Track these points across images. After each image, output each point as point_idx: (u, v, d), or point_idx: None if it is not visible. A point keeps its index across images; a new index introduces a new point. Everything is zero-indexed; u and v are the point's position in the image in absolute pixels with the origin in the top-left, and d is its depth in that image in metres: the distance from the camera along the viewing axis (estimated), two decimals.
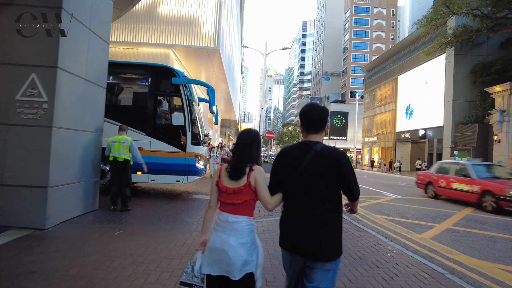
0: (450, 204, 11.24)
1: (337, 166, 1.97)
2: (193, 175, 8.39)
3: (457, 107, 31.25)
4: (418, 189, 13.81)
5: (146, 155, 8.20)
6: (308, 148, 2.06)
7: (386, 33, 78.03)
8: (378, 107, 49.82)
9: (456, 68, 30.95)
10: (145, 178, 8.27)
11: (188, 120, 8.24)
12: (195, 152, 8.39)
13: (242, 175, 2.11)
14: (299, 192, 2.01)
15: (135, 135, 8.25)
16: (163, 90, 8.61)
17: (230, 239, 2.03)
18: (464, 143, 29.77)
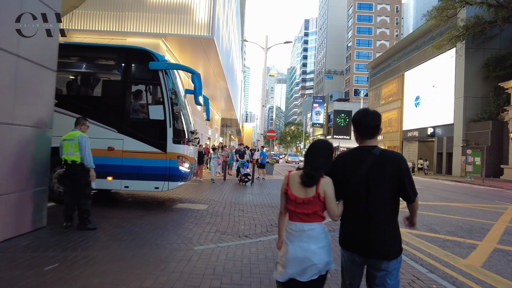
0: (479, 211, 9.73)
1: (397, 170, 2.05)
2: (175, 180, 6.97)
3: (468, 103, 29.69)
4: (431, 191, 12.29)
5: (117, 157, 6.80)
6: (366, 152, 2.13)
7: (390, 30, 76.32)
8: (384, 105, 48.23)
9: (467, 63, 29.37)
10: (117, 185, 6.85)
11: (169, 113, 6.83)
12: (178, 153, 6.96)
13: (315, 183, 2.11)
14: (360, 195, 2.09)
15: (105, 132, 6.85)
16: (138, 77, 7.18)
17: (310, 246, 2.09)
18: (476, 142, 28.19)
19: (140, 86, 7.19)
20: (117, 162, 6.80)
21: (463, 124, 29.79)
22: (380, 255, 2.02)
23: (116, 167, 6.80)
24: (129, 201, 8.05)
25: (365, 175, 2.07)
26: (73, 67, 7.54)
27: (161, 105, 6.87)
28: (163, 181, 6.86)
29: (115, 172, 6.81)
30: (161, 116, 6.85)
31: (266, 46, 24.93)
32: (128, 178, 6.83)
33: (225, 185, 12.85)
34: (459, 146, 30.08)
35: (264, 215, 7.26)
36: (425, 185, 19.00)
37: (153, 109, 7.00)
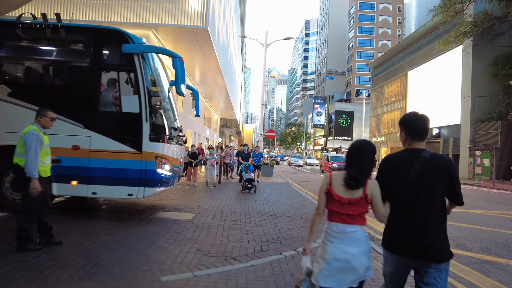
0: (506, 220, 8.59)
1: (448, 173, 2.06)
2: (153, 186, 5.84)
3: (476, 103, 28.52)
4: None
5: (84, 157, 5.70)
6: (416, 155, 2.11)
7: (393, 29, 75.28)
8: (387, 105, 47.11)
9: (475, 60, 28.22)
10: (83, 191, 5.73)
11: (145, 105, 5.71)
12: (156, 152, 5.84)
13: (361, 185, 2.08)
14: (411, 197, 2.06)
15: (69, 128, 5.74)
16: (109, 62, 6.07)
17: (351, 249, 2.04)
18: (485, 143, 27.00)
19: (111, 73, 6.09)
20: (83, 164, 5.68)
21: (470, 124, 28.61)
22: (436, 257, 2.00)
23: (82, 170, 5.69)
24: (102, 209, 6.93)
25: (417, 177, 2.05)
26: (32, 50, 6.40)
27: (136, 96, 5.74)
28: (137, 186, 5.74)
29: (80, 176, 5.70)
30: (136, 108, 5.72)
31: (266, 43, 23.88)
32: (96, 183, 5.72)
33: (219, 190, 11.70)
34: (466, 147, 28.91)
35: (260, 226, 6.13)
36: None
37: (127, 100, 5.87)
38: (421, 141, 2.15)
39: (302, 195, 11.27)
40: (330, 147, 70.92)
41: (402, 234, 2.07)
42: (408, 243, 2.04)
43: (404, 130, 2.19)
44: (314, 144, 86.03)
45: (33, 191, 3.91)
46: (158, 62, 6.72)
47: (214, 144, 35.08)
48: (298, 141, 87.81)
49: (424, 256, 2.00)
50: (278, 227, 6.15)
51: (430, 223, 2.01)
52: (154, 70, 6.25)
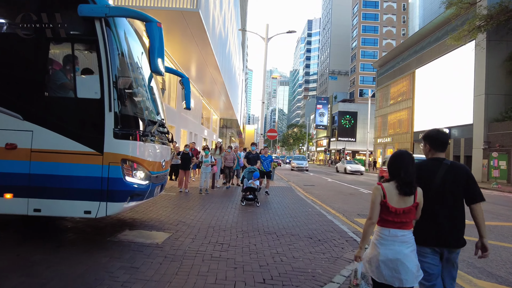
0: None
1: (466, 176, 2.51)
2: (119, 200, 4.27)
3: (490, 101, 26.82)
4: None
5: (22, 160, 4.18)
6: (439, 163, 2.55)
7: (397, 28, 73.65)
8: (393, 105, 45.44)
9: (489, 56, 26.53)
10: (21, 207, 4.14)
11: (109, 88, 4.18)
12: (123, 154, 4.28)
13: (414, 190, 2.31)
14: (438, 197, 2.47)
15: (1, 120, 4.17)
16: (60, 30, 4.48)
17: (403, 249, 2.24)
18: (501, 144, 25.32)
19: (62, 45, 4.55)
20: (21, 169, 4.13)
21: (484, 124, 26.91)
22: (461, 244, 2.48)
23: (19, 178, 4.14)
24: (46, 228, 5.34)
25: (442, 181, 2.48)
26: None
27: (97, 75, 4.22)
28: (97, 200, 4.17)
29: (17, 186, 4.13)
30: (96, 92, 4.20)
31: (266, 37, 22.31)
32: (40, 196, 4.14)
33: (212, 199, 10.05)
34: (479, 149, 27.21)
35: (254, 254, 4.54)
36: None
37: (83, 82, 4.40)
38: (443, 152, 2.61)
39: (308, 203, 9.68)
40: (333, 148, 69.27)
41: (433, 228, 2.46)
42: (438, 236, 2.44)
43: (429, 143, 2.63)
44: (317, 146, 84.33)
45: None
46: (133, 33, 5.11)
47: (212, 145, 33.53)
48: (300, 142, 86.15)
49: (449, 244, 2.46)
50: (280, 255, 4.56)
51: (454, 217, 2.47)
52: (124, 42, 4.65)
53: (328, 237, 5.84)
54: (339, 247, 5.24)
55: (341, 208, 9.70)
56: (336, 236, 5.93)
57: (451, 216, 2.45)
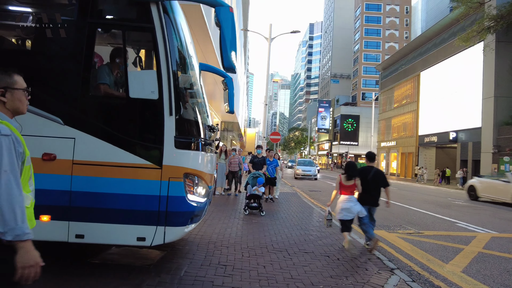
0: None
1: (382, 176, 5.70)
2: (180, 223, 3.53)
3: (499, 104, 26.02)
4: (490, 212, 8.70)
5: (62, 174, 3.38)
6: (371, 168, 5.62)
7: (400, 31, 73.05)
8: (397, 108, 44.67)
9: (498, 58, 25.77)
10: (60, 232, 3.35)
11: (170, 87, 3.43)
12: (187, 167, 3.56)
13: (354, 178, 5.42)
14: (370, 184, 5.47)
15: (37, 124, 3.34)
16: (109, 15, 3.69)
17: (350, 203, 5.20)
18: (511, 148, 24.50)
19: (111, 34, 3.82)
20: (60, 185, 3.35)
21: (493, 127, 26.09)
22: (377, 205, 5.54)
23: (58, 196, 3.35)
24: None
25: (372, 177, 5.49)
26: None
27: (154, 71, 3.53)
28: (154, 225, 3.41)
29: (56, 206, 3.35)
30: (153, 92, 3.45)
31: (270, 36, 21.60)
32: (83, 219, 3.37)
33: (213, 207, 9.24)
34: (489, 153, 26.35)
35: (267, 279, 3.75)
36: (465, 199, 15.34)
37: (137, 79, 3.64)
38: (372, 162, 5.73)
39: (317, 212, 8.88)
40: (335, 152, 68.42)
41: (366, 197, 5.46)
42: (368, 200, 5.46)
43: (366, 158, 5.91)
44: (318, 149, 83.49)
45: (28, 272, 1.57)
46: (184, 21, 4.32)
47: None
48: (301, 146, 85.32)
49: (374, 204, 5.53)
50: (295, 280, 3.77)
51: (377, 193, 5.51)
52: (181, 31, 3.87)
53: (347, 255, 5.05)
54: (362, 268, 4.45)
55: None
56: (357, 254, 5.14)
57: (375, 193, 5.52)
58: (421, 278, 4.37)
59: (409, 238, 6.67)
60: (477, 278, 4.51)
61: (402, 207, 11.45)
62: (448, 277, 4.45)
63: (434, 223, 8.52)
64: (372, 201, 5.48)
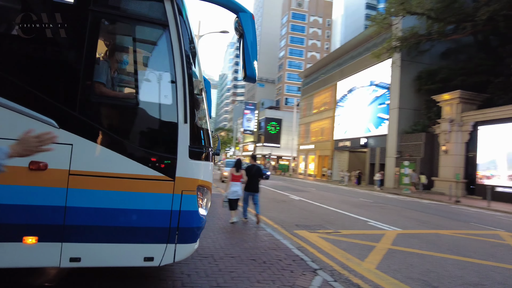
0: (485, 244, 7.28)
1: (260, 170, 8.19)
2: (190, 240, 3.20)
3: (402, 115, 29.55)
4: (392, 209, 9.76)
5: (55, 186, 2.78)
6: (254, 165, 8.16)
7: (321, 42, 78.32)
8: (316, 114, 47.72)
9: (402, 74, 29.25)
10: (50, 256, 2.73)
11: (185, 90, 3.10)
12: (199, 178, 3.26)
13: (241, 170, 7.92)
14: (253, 176, 7.95)
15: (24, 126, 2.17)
16: (119, 8, 3.11)
17: (237, 187, 7.69)
18: (410, 153, 27.98)
19: (119, 27, 3.32)
20: (52, 200, 2.76)
21: (397, 135, 29.53)
22: (258, 192, 7.98)
23: (49, 212, 2.76)
24: None
25: (254, 171, 7.96)
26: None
27: (168, 73, 3.13)
28: (163, 243, 3.02)
29: (45, 226, 2.75)
30: (166, 96, 3.12)
31: (198, 34, 21.14)
32: (79, 239, 2.82)
33: None
34: (392, 157, 29.76)
35: None
36: (373, 199, 17.00)
37: (148, 80, 3.27)
38: (255, 161, 8.49)
39: (241, 212, 8.83)
40: (259, 153, 70.21)
41: (249, 186, 7.91)
42: (251, 188, 7.93)
43: (251, 158, 8.81)
44: (243, 150, 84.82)
45: None
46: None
47: None
48: (227, 146, 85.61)
49: (256, 191, 7.96)
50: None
51: (256, 183, 7.99)
52: (192, 33, 3.45)
53: (273, 257, 5.05)
54: (287, 271, 4.47)
55: (278, 218, 9.07)
56: (282, 255, 5.17)
57: (255, 183, 7.93)
58: (341, 277, 4.55)
59: (329, 237, 6.99)
60: (388, 273, 4.88)
61: (321, 207, 12.11)
62: (364, 274, 4.73)
63: (350, 223, 9.14)
64: (254, 189, 7.92)
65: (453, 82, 25.56)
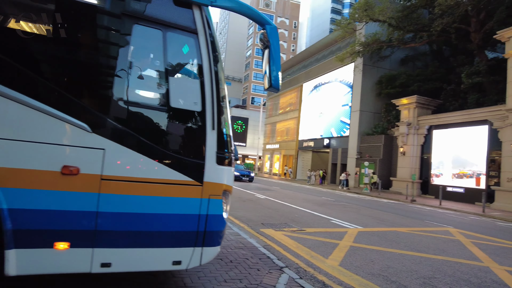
0: (440, 242, 7.76)
1: None
2: (215, 243, 3.28)
3: (363, 117, 30.78)
4: (351, 208, 10.22)
5: (87, 191, 2.73)
6: None
7: (288, 43, 79.46)
8: (282, 114, 48.40)
9: (364, 78, 30.45)
10: (82, 262, 2.69)
11: (213, 97, 3.20)
12: (224, 183, 3.32)
13: None
14: None
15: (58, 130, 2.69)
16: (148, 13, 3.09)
17: None
18: (370, 154, 29.22)
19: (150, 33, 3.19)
20: (84, 205, 2.72)
21: (357, 136, 30.69)
22: None
23: (81, 218, 2.71)
24: None
25: None
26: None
27: (197, 80, 3.20)
28: (191, 246, 3.10)
29: (77, 232, 2.71)
30: (196, 102, 3.16)
31: None
32: (110, 244, 2.80)
33: None
34: (353, 158, 30.90)
35: None
36: (335, 198, 17.57)
37: (180, 87, 3.25)
38: None
39: None
40: None
41: None
42: None
43: None
44: None
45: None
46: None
47: None
48: None
49: None
50: None
51: None
52: (217, 40, 3.46)
53: (240, 256, 5.05)
54: (254, 269, 4.50)
55: (244, 217, 9.09)
56: (248, 254, 5.19)
57: None
58: (307, 274, 4.66)
59: (294, 235, 7.12)
60: (351, 270, 5.06)
61: (286, 205, 12.31)
62: (329, 271, 4.87)
63: (314, 221, 9.37)
64: None
65: (410, 87, 27.06)
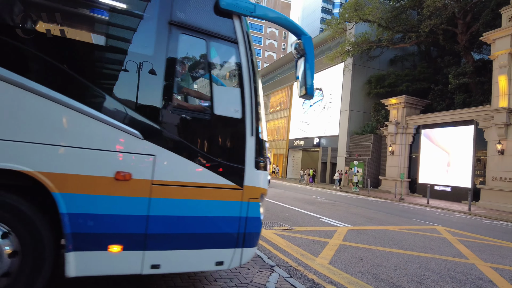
0: (428, 240, 7.89)
1: None
2: (253, 244, 3.43)
3: (352, 117, 31.07)
4: (340, 206, 10.32)
5: (138, 196, 2.88)
6: None
7: (278, 42, 79.66)
8: (272, 113, 48.46)
9: (353, 78, 30.74)
10: (133, 264, 2.84)
11: (252, 106, 3.34)
12: (262, 187, 3.48)
13: None
14: None
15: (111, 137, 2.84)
16: (192, 22, 3.20)
17: None
18: (359, 153, 29.52)
19: (194, 43, 3.31)
20: (136, 210, 2.85)
21: (347, 136, 30.97)
22: None
23: (133, 222, 2.85)
24: None
25: None
26: None
27: (238, 89, 3.33)
28: (232, 247, 3.27)
29: (130, 234, 2.85)
30: (237, 110, 3.30)
31: None
32: (160, 246, 2.94)
33: None
34: (343, 157, 31.17)
35: None
36: (325, 196, 17.72)
37: (223, 95, 3.39)
38: None
39: None
40: None
41: None
42: None
43: None
44: None
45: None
46: None
47: None
48: None
49: None
50: None
51: None
52: (254, 50, 3.58)
53: None
54: (244, 268, 4.50)
55: None
56: None
57: None
58: (297, 273, 4.68)
59: (284, 234, 7.15)
60: (341, 268, 5.11)
61: (276, 204, 12.35)
62: (318, 270, 4.90)
63: (304, 219, 9.42)
64: None
65: (399, 87, 27.44)
